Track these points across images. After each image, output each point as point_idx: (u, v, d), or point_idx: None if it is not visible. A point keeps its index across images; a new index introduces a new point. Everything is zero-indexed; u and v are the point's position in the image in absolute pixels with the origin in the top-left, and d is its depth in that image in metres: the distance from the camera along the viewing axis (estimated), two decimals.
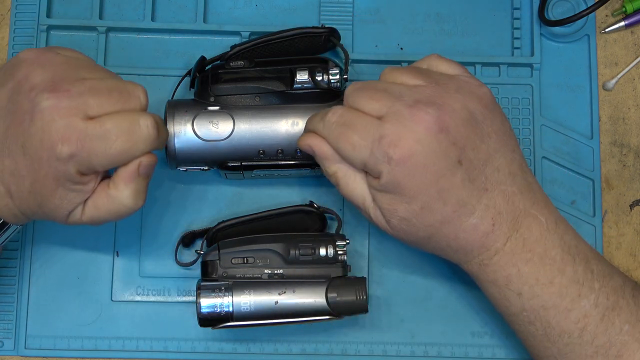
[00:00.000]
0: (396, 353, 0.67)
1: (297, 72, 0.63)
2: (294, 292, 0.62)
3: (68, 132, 0.53)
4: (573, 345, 0.57)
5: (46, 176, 0.54)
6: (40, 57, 0.56)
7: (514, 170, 0.57)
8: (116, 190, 0.56)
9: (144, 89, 0.57)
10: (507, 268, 0.57)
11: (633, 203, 0.70)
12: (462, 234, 0.56)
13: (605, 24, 0.72)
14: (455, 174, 0.55)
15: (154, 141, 0.56)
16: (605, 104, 0.71)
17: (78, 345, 0.67)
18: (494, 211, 0.56)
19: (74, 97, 0.54)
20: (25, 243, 0.68)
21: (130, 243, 0.68)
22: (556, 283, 0.56)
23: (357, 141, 0.55)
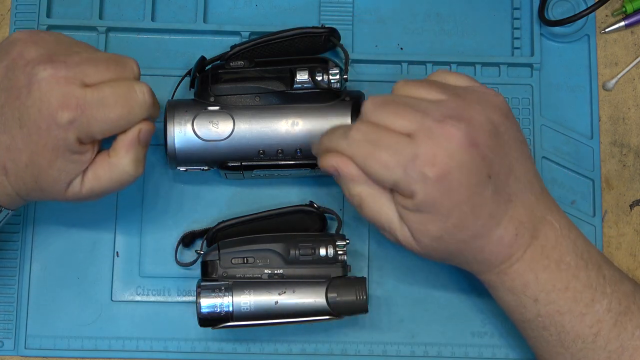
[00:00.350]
0: (396, 353, 0.67)
1: (297, 72, 0.63)
2: (294, 292, 0.62)
3: (67, 99, 0.54)
4: (586, 350, 0.57)
5: (45, 146, 0.55)
6: (33, 35, 0.57)
7: (531, 178, 0.57)
8: (117, 157, 0.57)
9: (136, 62, 0.58)
10: (526, 275, 0.57)
11: (633, 203, 0.70)
12: (489, 246, 0.56)
13: (605, 24, 0.72)
14: (486, 189, 0.54)
15: (150, 107, 0.57)
16: (605, 104, 0.71)
17: (78, 345, 0.67)
18: (517, 221, 0.56)
19: (70, 67, 0.55)
20: (26, 243, 0.68)
21: (130, 243, 0.68)
22: (571, 288, 0.57)
23: (389, 160, 0.53)
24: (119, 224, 0.68)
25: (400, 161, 0.53)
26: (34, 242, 0.68)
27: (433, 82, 0.57)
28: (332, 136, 0.57)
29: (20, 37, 0.57)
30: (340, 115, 0.63)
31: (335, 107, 0.63)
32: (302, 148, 0.63)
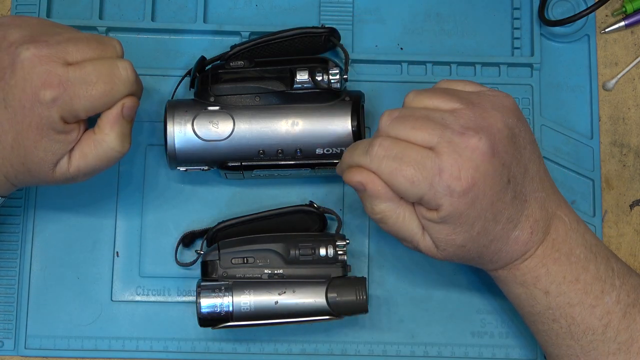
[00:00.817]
0: (396, 353, 0.67)
1: (297, 72, 0.63)
2: (294, 292, 0.62)
3: (50, 77, 0.54)
4: (597, 342, 0.57)
5: (29, 126, 0.55)
6: (16, 19, 0.58)
7: (542, 176, 0.58)
8: (102, 134, 0.57)
9: (119, 41, 0.59)
10: (537, 269, 0.57)
11: (633, 203, 0.70)
12: (505, 247, 0.57)
13: (605, 24, 0.72)
14: (506, 194, 0.55)
15: (132, 84, 0.57)
16: (605, 104, 0.71)
17: (78, 345, 0.67)
18: (532, 220, 0.57)
19: (52, 46, 0.55)
20: (25, 243, 0.68)
21: (130, 243, 0.68)
22: (581, 280, 0.57)
23: (415, 175, 0.53)
24: (119, 224, 0.68)
25: (426, 176, 0.53)
26: (34, 242, 0.68)
27: (444, 91, 0.57)
28: (354, 153, 0.56)
29: (3, 21, 0.57)
30: (340, 115, 0.63)
31: (335, 107, 0.63)
32: (302, 148, 0.63)
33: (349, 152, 0.57)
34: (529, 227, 0.56)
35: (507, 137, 0.55)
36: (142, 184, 0.68)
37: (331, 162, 0.63)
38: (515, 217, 0.56)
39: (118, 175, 0.68)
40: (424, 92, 0.56)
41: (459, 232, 0.55)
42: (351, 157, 0.56)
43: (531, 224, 0.56)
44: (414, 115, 0.55)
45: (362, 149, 0.55)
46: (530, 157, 0.57)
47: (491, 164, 0.53)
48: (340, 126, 0.63)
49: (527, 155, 0.57)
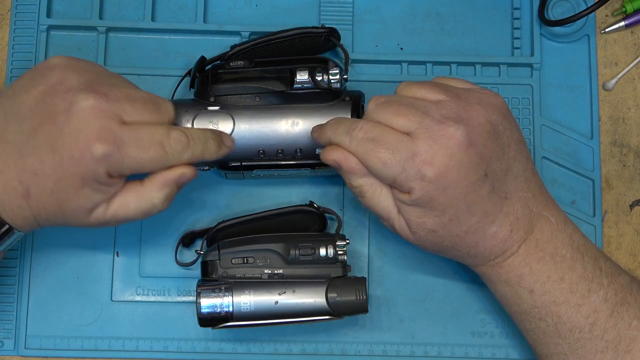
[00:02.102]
0: (396, 353, 0.67)
1: (297, 72, 0.63)
2: (294, 292, 0.62)
3: (105, 133, 0.54)
4: (584, 340, 0.58)
5: (74, 175, 0.55)
6: (73, 63, 0.57)
7: (529, 176, 0.59)
8: (150, 191, 0.58)
9: (172, 105, 0.59)
10: (520, 268, 0.58)
11: (633, 203, 0.70)
12: (483, 242, 0.57)
13: (605, 24, 0.72)
14: (482, 187, 0.56)
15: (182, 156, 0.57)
16: (605, 104, 0.71)
17: (78, 345, 0.67)
18: (513, 217, 0.57)
19: (111, 101, 0.55)
20: (26, 243, 0.68)
21: (130, 243, 0.68)
22: (567, 279, 0.58)
23: (389, 158, 0.55)
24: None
25: (399, 159, 0.55)
26: (34, 242, 0.68)
27: (435, 84, 0.58)
28: (336, 131, 0.58)
29: (59, 62, 0.57)
30: (340, 115, 0.63)
31: (335, 107, 0.63)
32: (302, 148, 0.63)
33: (331, 128, 0.59)
34: (508, 224, 0.57)
35: (488, 132, 0.56)
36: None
37: None
38: (492, 212, 0.56)
39: None
40: (414, 83, 0.58)
41: (429, 215, 0.56)
42: (334, 134, 0.58)
43: (511, 222, 0.57)
44: (399, 102, 0.57)
45: (344, 128, 0.57)
46: (515, 156, 0.57)
47: (467, 155, 0.55)
48: None
49: (512, 154, 0.57)
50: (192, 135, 0.57)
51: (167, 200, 0.59)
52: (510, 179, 0.57)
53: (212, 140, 0.59)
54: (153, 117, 0.57)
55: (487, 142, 0.56)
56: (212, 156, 0.59)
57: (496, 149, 0.56)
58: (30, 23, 0.70)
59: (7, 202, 0.56)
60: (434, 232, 0.57)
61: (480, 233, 0.57)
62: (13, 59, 0.70)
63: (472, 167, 0.55)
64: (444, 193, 0.55)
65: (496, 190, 0.56)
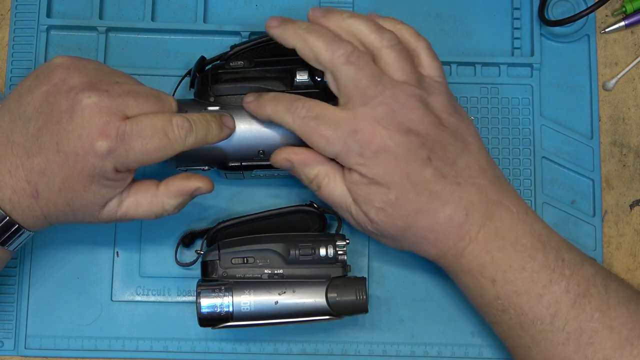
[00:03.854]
0: (396, 353, 0.67)
1: (297, 72, 0.63)
2: (294, 292, 0.62)
3: (108, 128, 0.55)
4: (545, 332, 0.58)
5: (81, 172, 0.55)
6: (75, 62, 0.58)
7: (484, 166, 0.60)
8: (164, 196, 0.59)
9: (175, 99, 0.60)
10: (481, 256, 0.58)
11: (633, 203, 0.70)
12: (438, 225, 0.58)
13: (605, 24, 0.72)
14: (425, 169, 0.57)
15: (184, 142, 0.57)
16: (605, 104, 0.71)
17: (78, 345, 0.67)
18: (467, 202, 0.58)
19: (113, 97, 0.56)
20: (26, 243, 0.67)
21: (130, 243, 0.68)
22: (528, 269, 0.58)
23: (331, 135, 0.57)
24: (119, 224, 0.68)
25: (340, 136, 0.57)
26: (34, 242, 0.68)
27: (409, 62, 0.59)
28: (276, 109, 0.59)
29: (61, 62, 0.58)
30: None
31: None
32: None
33: (271, 105, 0.60)
34: (463, 208, 0.58)
35: (432, 123, 0.58)
36: None
37: None
38: (442, 194, 0.57)
39: None
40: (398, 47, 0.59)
41: (375, 192, 0.57)
42: (274, 111, 0.59)
43: (466, 206, 0.58)
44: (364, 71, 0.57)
45: (285, 106, 0.59)
46: (464, 148, 0.59)
47: (406, 138, 0.57)
48: None
49: (460, 145, 0.59)
50: (193, 120, 0.58)
51: (179, 208, 0.60)
52: (461, 167, 0.58)
53: (214, 123, 0.59)
54: (156, 109, 0.57)
55: (429, 131, 0.57)
56: (215, 139, 0.60)
57: (440, 138, 0.58)
58: (30, 23, 0.70)
59: (17, 202, 0.56)
60: (383, 210, 0.58)
61: (433, 215, 0.58)
62: (13, 59, 0.70)
63: (412, 150, 0.57)
64: (385, 169, 0.57)
65: (444, 175, 0.58)
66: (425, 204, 0.57)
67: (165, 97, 0.59)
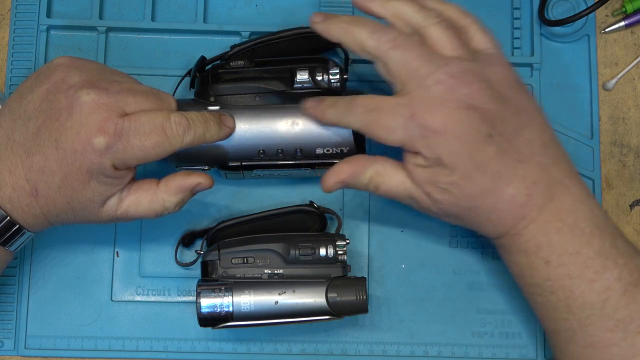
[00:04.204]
0: (396, 353, 0.67)
1: (297, 72, 0.63)
2: (294, 292, 0.62)
3: (106, 125, 0.55)
4: (594, 317, 0.57)
5: (79, 169, 0.56)
6: (75, 62, 0.59)
7: (547, 142, 0.59)
8: (164, 194, 0.59)
9: (174, 98, 0.60)
10: (539, 237, 0.58)
11: (633, 203, 0.70)
12: (501, 204, 0.58)
13: (605, 24, 0.72)
14: (487, 147, 0.57)
15: (183, 139, 0.57)
16: (605, 104, 0.71)
17: (78, 345, 0.67)
18: (529, 181, 0.57)
19: (112, 94, 0.56)
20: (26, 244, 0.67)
21: (130, 243, 0.68)
22: (583, 254, 0.58)
23: (391, 124, 0.57)
24: (119, 224, 0.68)
25: (401, 123, 0.57)
26: (34, 243, 0.68)
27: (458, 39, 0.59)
28: (336, 113, 0.60)
29: (62, 62, 0.58)
30: None
31: None
32: (302, 148, 0.63)
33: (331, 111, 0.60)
34: (525, 187, 0.57)
35: (489, 96, 0.57)
36: None
37: (331, 162, 0.63)
38: (505, 173, 0.57)
39: None
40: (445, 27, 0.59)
41: (440, 174, 0.57)
42: (334, 116, 0.60)
43: (528, 185, 0.57)
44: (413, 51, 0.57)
45: (342, 107, 0.59)
46: (526, 122, 0.58)
47: (466, 114, 0.56)
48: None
49: (523, 119, 0.58)
50: (192, 118, 0.58)
51: (180, 205, 0.60)
52: (522, 143, 0.57)
53: (212, 122, 0.59)
54: (154, 107, 0.58)
55: (489, 105, 0.57)
56: (214, 138, 0.60)
57: (501, 112, 0.57)
58: (30, 23, 0.70)
59: (17, 202, 0.56)
60: (448, 192, 0.57)
61: (497, 195, 0.57)
62: (13, 59, 0.70)
63: (472, 126, 0.56)
64: (448, 149, 0.56)
65: (506, 151, 0.57)
66: (489, 184, 0.57)
67: (164, 96, 0.59)
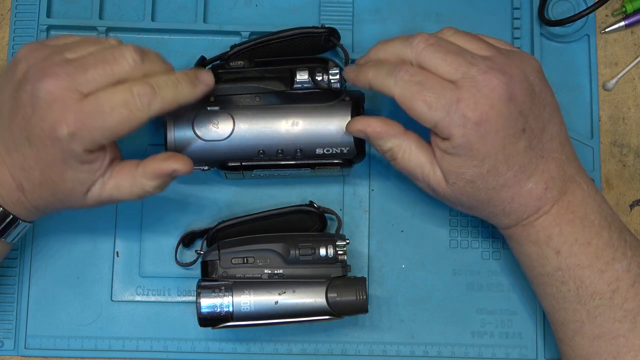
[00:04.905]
0: (396, 353, 0.67)
1: (297, 72, 0.63)
2: (294, 292, 0.62)
3: (65, 115, 0.54)
4: (603, 307, 0.58)
5: (54, 161, 0.55)
6: (32, 51, 0.58)
7: (563, 140, 0.60)
8: (143, 177, 0.58)
9: (134, 48, 0.57)
10: (550, 228, 0.59)
11: (633, 203, 0.70)
12: (518, 198, 0.58)
13: (605, 24, 0.72)
14: (519, 141, 0.57)
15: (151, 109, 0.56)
16: (605, 104, 0.71)
17: (78, 345, 0.67)
18: (548, 176, 0.58)
19: (62, 79, 0.55)
20: (26, 243, 0.68)
21: (130, 243, 0.68)
22: (593, 244, 0.58)
23: (434, 101, 0.56)
24: (119, 224, 0.68)
25: (444, 104, 0.56)
26: (34, 242, 0.68)
27: (481, 39, 0.60)
28: (378, 73, 0.59)
29: (22, 54, 0.58)
30: (340, 115, 0.63)
31: (335, 107, 0.63)
32: (302, 148, 0.63)
33: (373, 70, 0.59)
34: (543, 182, 0.58)
35: (527, 90, 0.57)
36: None
37: (331, 162, 0.64)
38: (529, 168, 0.58)
39: None
40: (462, 33, 0.60)
41: (469, 165, 0.57)
42: (375, 76, 0.59)
43: (546, 180, 0.58)
44: (448, 48, 0.58)
45: (387, 69, 0.58)
46: (549, 119, 0.59)
47: (507, 107, 0.56)
48: (341, 126, 0.63)
49: (547, 115, 0.59)
50: (158, 84, 0.56)
51: (159, 189, 0.59)
52: (546, 139, 0.58)
53: (184, 82, 0.57)
54: (111, 77, 0.55)
55: (526, 99, 0.57)
56: (188, 98, 0.58)
57: (534, 107, 0.58)
58: (30, 23, 0.70)
59: (7, 196, 0.57)
60: (472, 182, 0.58)
61: (517, 188, 0.58)
62: None
63: (511, 119, 0.56)
64: (484, 141, 0.56)
65: (533, 147, 0.58)
66: (512, 177, 0.58)
67: (118, 56, 0.56)
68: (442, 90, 0.56)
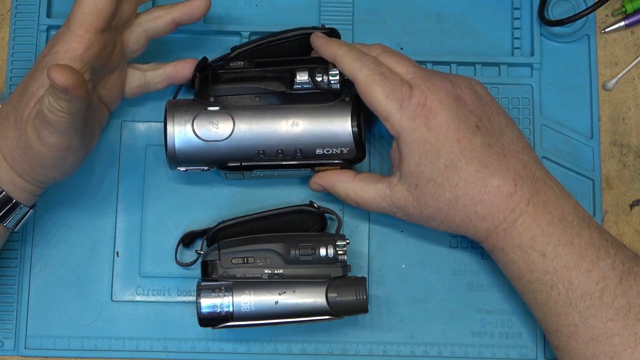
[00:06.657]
0: (396, 353, 0.67)
1: (297, 73, 0.63)
2: (294, 292, 0.62)
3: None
4: (594, 308, 0.58)
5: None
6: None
7: (526, 146, 0.61)
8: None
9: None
10: (532, 229, 0.59)
11: (633, 203, 0.70)
12: (487, 195, 0.59)
13: (605, 24, 0.72)
14: (475, 136, 0.59)
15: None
16: (605, 104, 0.71)
17: (78, 345, 0.67)
18: (515, 174, 0.59)
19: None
20: (26, 243, 0.68)
21: (130, 243, 0.68)
22: (576, 244, 0.59)
23: (391, 92, 0.60)
24: (119, 224, 0.68)
25: (399, 97, 0.60)
26: (34, 242, 0.68)
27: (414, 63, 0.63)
28: (346, 54, 0.62)
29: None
30: (340, 116, 0.63)
31: (335, 108, 0.63)
32: (302, 148, 0.63)
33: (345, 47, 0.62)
34: (511, 179, 0.59)
35: (474, 95, 0.61)
36: (142, 184, 0.68)
37: (331, 163, 0.64)
38: (491, 164, 0.59)
39: (118, 176, 0.68)
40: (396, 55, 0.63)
41: (425, 162, 0.59)
42: (343, 56, 0.62)
43: (514, 177, 0.59)
44: (401, 55, 0.63)
45: (355, 54, 0.62)
46: (507, 124, 0.61)
47: (455, 104, 0.59)
48: (340, 126, 0.63)
49: (503, 121, 0.61)
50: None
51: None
52: (506, 140, 0.60)
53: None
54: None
55: (475, 102, 0.60)
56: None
57: (485, 110, 0.61)
58: (30, 23, 0.70)
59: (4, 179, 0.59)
60: (432, 180, 0.59)
61: (482, 185, 0.59)
62: (13, 59, 0.70)
63: (461, 114, 0.59)
64: (435, 134, 0.59)
65: (492, 145, 0.59)
66: (474, 173, 0.59)
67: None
68: (399, 84, 0.60)
